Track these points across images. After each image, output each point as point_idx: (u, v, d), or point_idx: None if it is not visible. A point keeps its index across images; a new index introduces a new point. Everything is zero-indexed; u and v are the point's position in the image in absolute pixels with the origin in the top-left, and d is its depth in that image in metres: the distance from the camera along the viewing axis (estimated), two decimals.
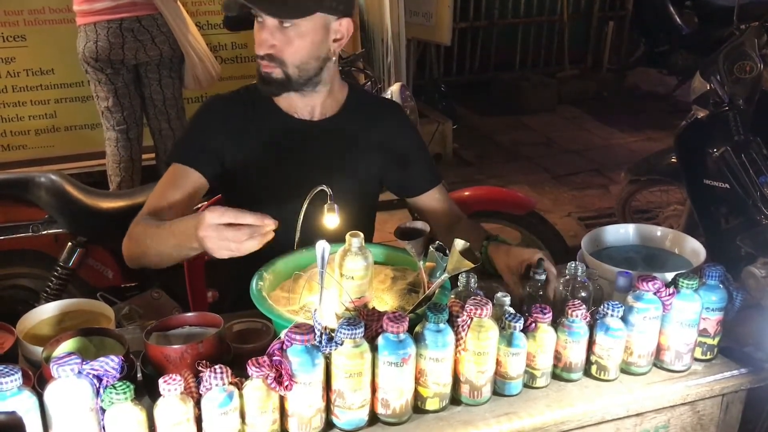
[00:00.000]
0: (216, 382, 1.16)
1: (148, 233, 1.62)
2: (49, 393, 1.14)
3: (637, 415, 1.45)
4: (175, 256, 1.59)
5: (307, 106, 1.80)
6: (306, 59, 1.69)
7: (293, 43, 1.66)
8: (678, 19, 6.26)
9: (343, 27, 1.71)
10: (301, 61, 1.69)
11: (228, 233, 1.37)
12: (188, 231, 1.46)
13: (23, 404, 1.11)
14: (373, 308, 1.40)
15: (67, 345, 1.33)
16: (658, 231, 1.81)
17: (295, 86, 1.73)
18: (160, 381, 1.14)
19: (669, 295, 1.44)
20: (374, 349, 1.27)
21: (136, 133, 3.72)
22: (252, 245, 1.38)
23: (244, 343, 1.43)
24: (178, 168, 1.76)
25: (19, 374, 1.11)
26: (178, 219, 1.56)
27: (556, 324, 1.42)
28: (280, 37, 1.66)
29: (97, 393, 1.15)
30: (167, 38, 3.55)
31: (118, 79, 3.55)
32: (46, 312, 1.54)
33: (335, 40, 1.72)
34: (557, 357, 1.43)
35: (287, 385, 1.19)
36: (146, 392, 1.29)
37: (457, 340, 1.32)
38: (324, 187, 1.61)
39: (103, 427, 1.15)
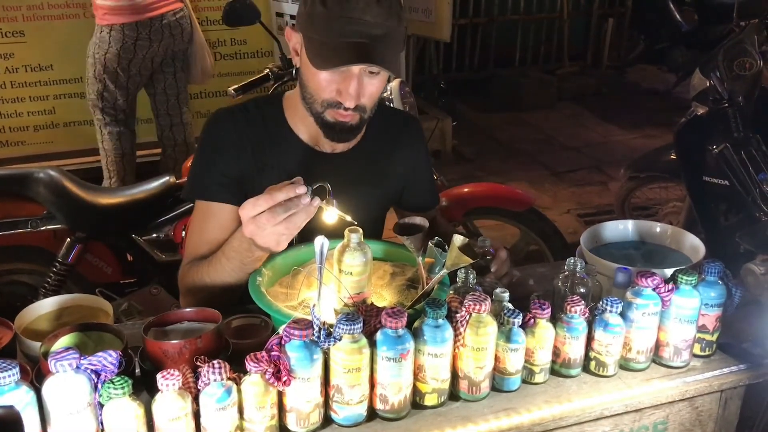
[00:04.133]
0: (214, 378, 1.15)
1: (203, 276, 1.56)
2: (47, 388, 1.13)
3: (636, 411, 1.45)
4: (242, 277, 1.51)
5: (333, 142, 1.67)
6: (378, 99, 1.62)
7: (377, 86, 1.57)
8: (678, 16, 6.26)
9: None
10: (375, 102, 1.61)
11: (262, 218, 1.33)
12: (241, 242, 1.44)
13: (21, 399, 1.11)
14: (372, 304, 1.40)
15: (65, 340, 1.33)
16: (658, 227, 1.81)
17: (363, 128, 1.66)
18: (159, 376, 1.14)
19: (668, 291, 1.44)
20: (373, 344, 1.27)
21: (134, 125, 3.70)
22: (299, 220, 1.34)
23: (242, 338, 1.42)
24: (203, 205, 1.65)
25: (17, 369, 1.11)
26: (226, 243, 1.52)
27: (554, 320, 1.42)
28: (367, 84, 1.54)
29: (95, 388, 1.15)
30: (189, 31, 3.50)
31: (138, 77, 3.49)
32: (44, 307, 1.54)
33: None
34: (556, 353, 1.43)
35: (285, 381, 1.19)
36: (144, 387, 1.29)
37: (456, 335, 1.31)
38: (323, 183, 1.60)
39: (101, 422, 1.15)
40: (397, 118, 1.89)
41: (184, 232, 2.46)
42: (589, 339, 1.44)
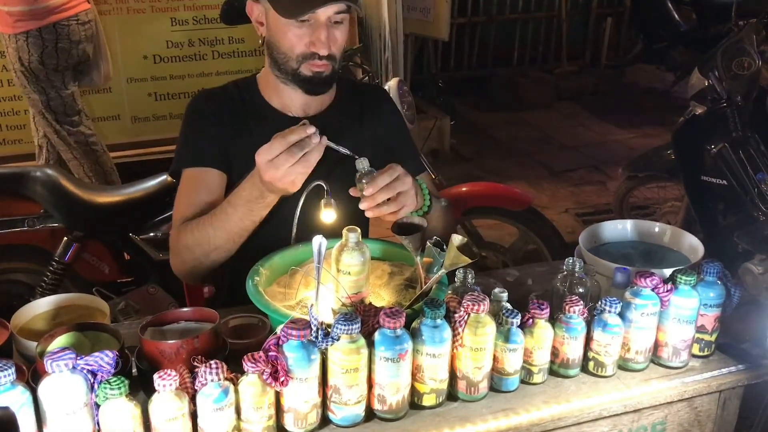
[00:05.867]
0: (211, 378, 1.15)
1: (203, 228, 1.62)
2: (43, 388, 1.13)
3: (635, 411, 1.44)
4: (247, 227, 1.59)
5: (303, 104, 1.79)
6: (343, 49, 1.71)
7: (343, 35, 1.68)
8: (676, 16, 6.25)
9: (354, 14, 1.75)
10: (341, 51, 1.70)
11: (280, 160, 1.42)
12: (252, 190, 1.53)
13: (17, 399, 1.11)
14: (370, 303, 1.40)
15: (62, 340, 1.32)
16: (656, 227, 1.80)
17: (335, 81, 1.75)
18: (155, 376, 1.13)
19: (667, 291, 1.44)
20: (371, 344, 1.26)
21: (90, 123, 3.51)
22: (312, 158, 1.44)
23: (239, 338, 1.42)
24: (190, 173, 1.73)
25: (13, 369, 1.10)
26: (232, 193, 1.60)
27: (553, 320, 1.41)
28: (334, 33, 1.66)
29: (92, 388, 1.14)
30: (95, 34, 3.32)
31: (69, 73, 3.29)
32: (40, 307, 1.53)
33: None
34: (554, 353, 1.43)
35: (283, 381, 1.19)
36: (141, 388, 1.28)
37: (454, 335, 1.31)
38: (321, 183, 1.60)
39: (98, 423, 1.15)
40: (364, 87, 2.06)
41: None
42: (588, 339, 1.44)
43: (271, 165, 1.43)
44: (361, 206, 1.47)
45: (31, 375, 1.24)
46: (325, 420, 1.30)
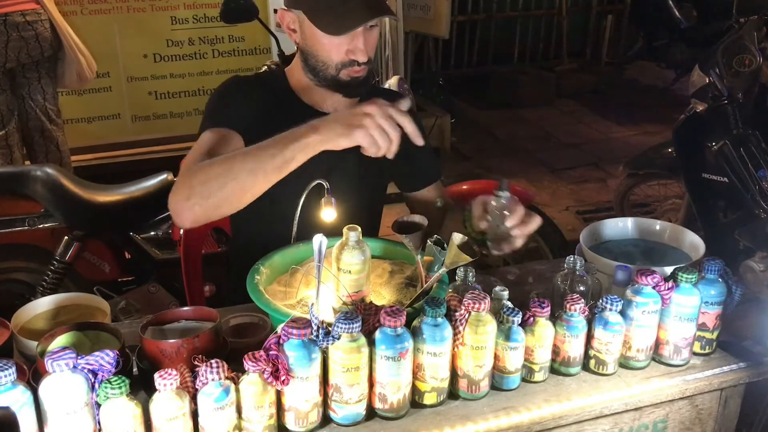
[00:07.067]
0: (212, 377, 1.15)
1: (230, 159, 1.47)
2: (43, 388, 1.13)
3: (636, 409, 1.44)
4: (277, 165, 1.43)
5: (334, 101, 1.77)
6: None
7: (376, 36, 1.70)
8: (677, 13, 6.25)
9: None
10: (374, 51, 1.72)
11: (387, 124, 1.38)
12: (302, 127, 1.43)
13: (17, 399, 1.10)
14: (371, 302, 1.40)
15: (62, 339, 1.32)
16: (657, 225, 1.80)
17: (371, 81, 1.77)
18: (156, 376, 1.13)
19: (668, 289, 1.43)
20: (371, 343, 1.26)
21: (14, 145, 3.37)
22: (394, 134, 1.39)
23: (240, 337, 1.42)
24: (213, 131, 1.65)
25: (14, 369, 1.10)
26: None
27: (554, 318, 1.41)
28: (369, 38, 1.67)
29: (93, 388, 1.14)
30: (51, 34, 3.24)
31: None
32: (41, 306, 1.53)
33: None
34: (555, 351, 1.43)
35: (284, 380, 1.19)
36: (142, 387, 1.28)
37: (455, 334, 1.31)
38: (321, 181, 1.60)
39: (99, 422, 1.15)
40: (385, 92, 2.08)
41: (181, 230, 2.45)
42: (589, 337, 1.44)
43: (382, 117, 1.39)
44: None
45: (31, 374, 1.23)
46: (326, 419, 1.29)
